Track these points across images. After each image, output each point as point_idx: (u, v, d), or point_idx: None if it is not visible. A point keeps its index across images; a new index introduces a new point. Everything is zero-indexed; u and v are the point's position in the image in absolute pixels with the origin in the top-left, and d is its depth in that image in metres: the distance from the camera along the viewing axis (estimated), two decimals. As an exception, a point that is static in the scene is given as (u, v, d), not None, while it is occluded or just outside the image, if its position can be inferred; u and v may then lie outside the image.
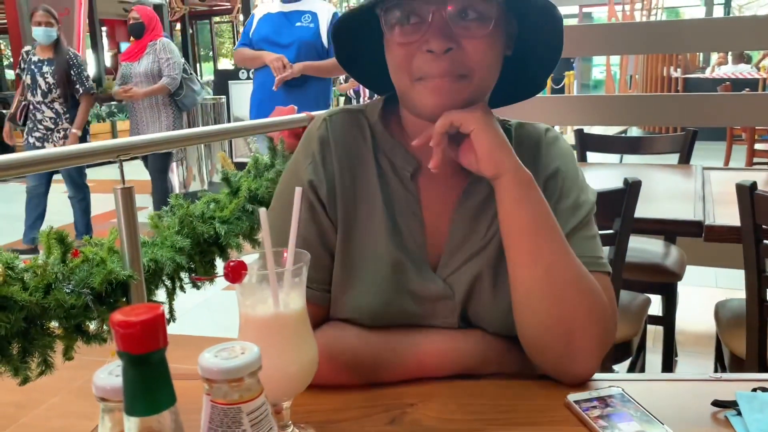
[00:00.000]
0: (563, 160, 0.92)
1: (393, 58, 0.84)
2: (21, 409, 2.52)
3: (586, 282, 0.82)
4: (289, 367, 0.68)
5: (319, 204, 0.88)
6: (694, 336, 2.91)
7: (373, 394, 0.84)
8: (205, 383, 0.49)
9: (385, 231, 0.87)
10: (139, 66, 4.68)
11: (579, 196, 0.89)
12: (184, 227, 1.96)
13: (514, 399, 0.82)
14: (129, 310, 0.40)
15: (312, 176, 0.88)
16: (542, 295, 0.81)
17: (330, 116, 0.92)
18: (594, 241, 0.89)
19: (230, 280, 0.64)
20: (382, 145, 0.91)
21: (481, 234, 0.89)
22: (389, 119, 0.93)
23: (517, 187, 0.81)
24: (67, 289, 1.63)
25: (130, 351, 0.39)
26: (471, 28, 0.79)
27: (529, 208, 0.81)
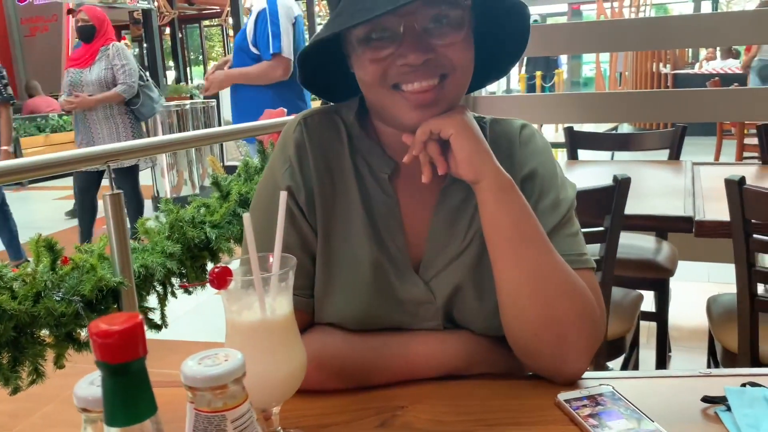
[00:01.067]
0: (540, 159, 0.91)
1: (366, 74, 0.81)
2: (13, 419, 2.50)
3: (572, 282, 0.82)
4: (277, 373, 0.68)
5: (298, 210, 0.87)
6: (688, 331, 2.92)
7: (362, 398, 0.83)
8: (189, 391, 0.49)
9: (364, 234, 0.87)
10: (90, 73, 4.23)
11: (558, 194, 0.89)
12: (174, 232, 1.95)
13: (505, 399, 0.82)
14: (108, 319, 0.40)
15: (290, 182, 0.87)
16: (529, 298, 0.81)
17: (305, 118, 0.90)
18: (576, 237, 0.88)
19: (215, 286, 0.63)
20: (359, 146, 0.90)
21: (461, 235, 0.88)
22: (365, 119, 0.92)
23: (497, 192, 0.80)
24: (57, 297, 1.62)
25: (109, 361, 0.39)
26: (446, 35, 0.78)
27: (510, 212, 0.80)
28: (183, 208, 2.05)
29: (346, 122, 0.91)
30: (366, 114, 0.92)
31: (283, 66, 3.22)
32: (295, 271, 0.87)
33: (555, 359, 0.83)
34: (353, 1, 0.77)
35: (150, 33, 9.57)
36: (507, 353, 0.86)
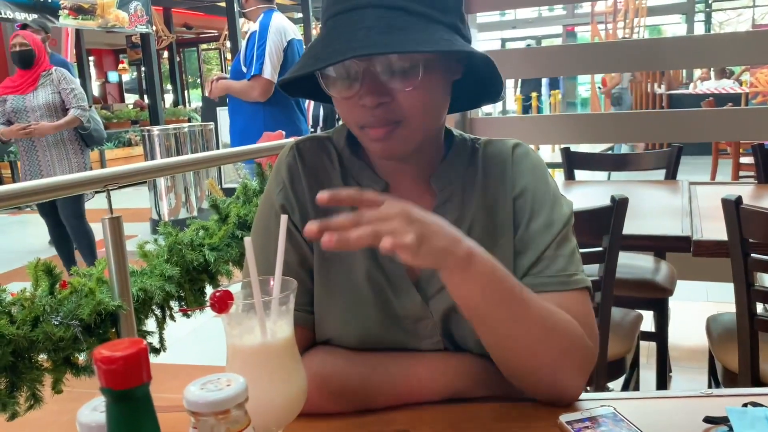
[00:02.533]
0: (532, 177, 0.91)
1: (338, 108, 0.86)
2: (10, 445, 2.47)
3: (553, 324, 0.80)
4: (279, 397, 0.67)
5: (294, 227, 0.89)
6: (688, 351, 2.91)
7: (364, 420, 0.83)
8: (192, 416, 0.49)
9: (360, 254, 0.88)
10: (35, 98, 4.04)
11: (552, 212, 0.88)
12: (173, 255, 1.95)
13: (507, 421, 0.82)
14: (111, 345, 0.40)
15: (284, 201, 0.90)
16: (512, 352, 0.81)
17: (297, 143, 0.94)
18: (570, 257, 0.87)
19: (216, 310, 0.63)
20: (350, 167, 0.93)
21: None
22: (356, 142, 0.93)
23: (457, 275, 0.73)
24: (55, 321, 1.62)
25: (113, 387, 0.39)
26: (399, 81, 0.79)
27: (474, 288, 0.75)
28: (182, 230, 2.05)
29: (337, 146, 0.94)
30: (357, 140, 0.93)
31: (260, 87, 3.28)
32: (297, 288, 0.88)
33: (550, 390, 0.83)
34: (326, 43, 0.79)
35: (148, 57, 9.64)
36: None
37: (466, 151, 0.94)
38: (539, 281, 0.86)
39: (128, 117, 12.11)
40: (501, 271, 0.76)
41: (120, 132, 10.75)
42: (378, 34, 0.75)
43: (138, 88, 17.48)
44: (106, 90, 16.76)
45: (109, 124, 11.53)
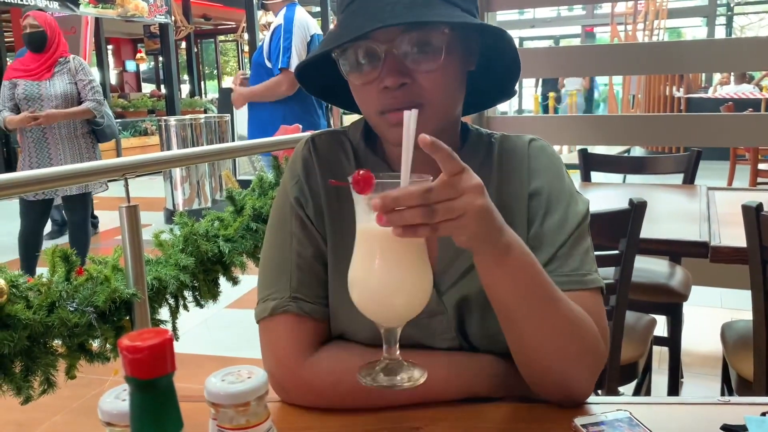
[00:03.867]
0: (548, 173, 0.90)
1: (357, 96, 0.86)
2: (22, 428, 2.51)
3: (576, 325, 0.80)
4: (408, 286, 0.68)
5: (308, 220, 0.90)
6: (700, 357, 2.89)
7: (378, 417, 0.83)
8: (212, 408, 0.49)
9: None
10: (51, 86, 3.76)
11: (567, 209, 0.88)
12: (188, 245, 1.96)
13: (522, 422, 0.81)
14: (137, 334, 0.40)
15: (298, 194, 0.91)
16: (533, 350, 0.80)
17: (313, 138, 0.95)
18: (584, 257, 0.87)
19: (359, 189, 0.63)
20: (365, 163, 0.93)
21: (467, 254, 0.88)
22: (372, 137, 0.94)
23: (492, 261, 0.73)
24: (70, 308, 1.63)
25: (138, 376, 0.39)
26: (422, 62, 0.80)
27: (507, 279, 0.75)
28: (197, 221, 2.06)
29: (352, 141, 0.94)
30: (372, 133, 0.93)
31: (288, 81, 3.27)
32: (311, 280, 0.89)
33: (562, 389, 0.83)
34: (350, 21, 0.80)
35: (166, 47, 9.68)
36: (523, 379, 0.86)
37: (482, 145, 0.94)
38: (553, 280, 0.85)
39: (145, 106, 12.18)
40: (536, 266, 0.76)
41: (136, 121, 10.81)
42: (404, 8, 0.76)
43: (155, 78, 17.57)
44: (124, 79, 16.85)
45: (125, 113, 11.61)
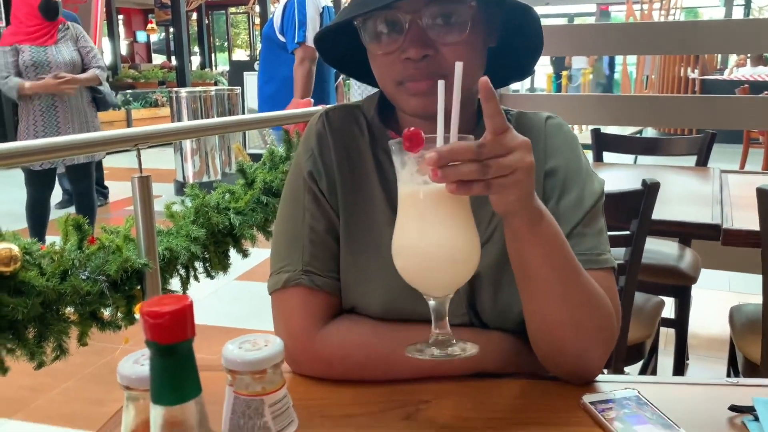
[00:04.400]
0: (565, 152, 0.90)
1: (376, 66, 0.85)
2: (34, 393, 2.55)
3: (596, 300, 0.81)
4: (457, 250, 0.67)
5: (321, 194, 0.90)
6: (707, 340, 2.89)
7: (388, 390, 0.84)
8: (229, 374, 0.49)
9: (386, 222, 0.88)
10: (58, 53, 3.70)
11: (583, 189, 0.88)
12: (199, 217, 1.97)
13: (530, 398, 0.82)
14: (158, 300, 0.40)
15: (311, 168, 0.91)
16: (554, 323, 0.81)
17: (327, 112, 0.95)
18: (598, 236, 0.87)
19: (409, 147, 0.63)
20: (379, 137, 0.92)
21: (484, 223, 0.88)
22: (386, 112, 0.94)
23: (527, 226, 0.74)
24: (83, 276, 1.65)
25: (159, 341, 0.39)
26: (447, 34, 0.79)
27: (539, 246, 0.75)
28: (208, 193, 2.07)
29: (366, 115, 0.94)
30: (386, 107, 0.93)
31: (308, 56, 3.24)
32: (323, 253, 0.89)
33: (576, 364, 0.83)
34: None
35: (177, 18, 9.61)
36: (533, 355, 0.86)
37: None
38: None
39: (155, 78, 12.15)
40: (563, 237, 0.77)
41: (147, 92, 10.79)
42: None
43: (165, 49, 17.49)
44: (134, 50, 16.80)
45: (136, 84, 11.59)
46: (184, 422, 0.41)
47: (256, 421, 0.48)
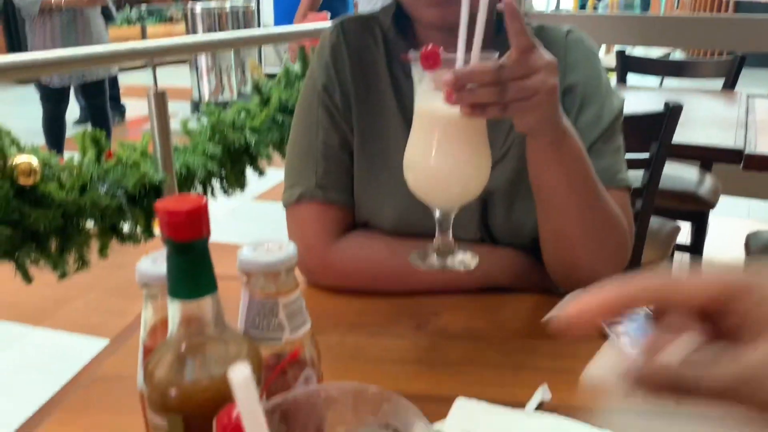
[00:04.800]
0: (584, 68, 0.88)
1: None
2: (58, 304, 2.64)
3: (613, 220, 0.81)
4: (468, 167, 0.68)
5: (335, 108, 0.89)
6: (720, 266, 2.89)
7: (399, 301, 0.86)
8: (244, 276, 0.51)
9: (400, 135, 0.86)
10: None
11: (602, 105, 0.86)
12: (215, 134, 1.97)
13: (540, 312, 0.83)
14: (174, 199, 0.41)
15: (325, 81, 0.89)
16: (571, 241, 0.81)
17: (342, 23, 0.92)
18: (616, 155, 0.86)
19: (427, 65, 0.62)
20: (394, 51, 0.90)
21: (501, 139, 0.87)
22: (402, 24, 0.91)
23: (550, 147, 0.73)
24: (101, 190, 1.67)
25: (175, 238, 0.40)
26: None
27: (562, 166, 0.74)
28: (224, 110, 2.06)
29: (383, 27, 0.91)
30: (403, 19, 0.90)
31: None
32: (336, 168, 0.89)
33: (588, 280, 0.83)
34: None
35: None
36: (544, 271, 0.87)
37: None
38: None
39: (170, -8, 11.85)
40: (585, 155, 0.76)
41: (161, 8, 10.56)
42: None
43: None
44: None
45: (150, 0, 11.33)
46: (200, 317, 0.43)
47: (270, 320, 0.50)
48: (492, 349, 0.75)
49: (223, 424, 0.29)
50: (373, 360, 0.74)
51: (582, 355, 0.74)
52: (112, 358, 0.75)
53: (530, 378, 0.68)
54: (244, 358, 0.43)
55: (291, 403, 0.33)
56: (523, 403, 0.63)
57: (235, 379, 0.25)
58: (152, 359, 0.44)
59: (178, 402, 0.42)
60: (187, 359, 0.43)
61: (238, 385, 0.25)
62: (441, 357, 0.74)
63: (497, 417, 0.60)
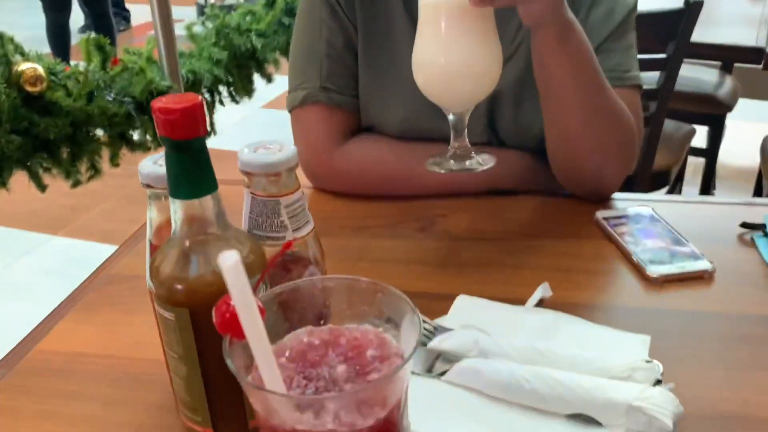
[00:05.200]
0: None
1: None
2: (74, 212, 2.69)
3: (619, 114, 0.79)
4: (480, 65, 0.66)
5: (339, 6, 0.86)
6: (735, 170, 2.87)
7: (404, 205, 0.86)
8: (245, 177, 0.51)
9: (406, 33, 0.84)
10: None
11: (615, 1, 0.83)
12: (220, 39, 1.93)
13: (544, 214, 0.84)
14: (169, 97, 0.41)
15: None
16: (576, 133, 0.79)
17: None
18: (627, 52, 0.84)
19: None
20: None
21: (510, 36, 0.84)
22: None
23: (556, 39, 0.71)
24: (109, 97, 1.66)
25: (172, 137, 0.40)
26: None
27: (567, 59, 0.73)
28: (229, 14, 2.01)
29: None
30: None
31: None
32: (340, 69, 0.87)
33: (594, 180, 0.84)
34: None
35: None
36: (549, 174, 0.87)
37: None
38: None
39: None
40: (591, 50, 0.75)
41: None
42: None
43: None
44: None
45: None
46: (202, 217, 0.43)
47: (273, 220, 0.50)
48: (495, 250, 0.76)
49: (221, 312, 0.30)
50: (378, 261, 0.76)
51: (583, 255, 0.75)
52: (123, 259, 0.77)
53: (532, 277, 0.69)
54: (247, 255, 0.45)
55: (289, 293, 0.35)
56: (524, 301, 0.65)
57: (225, 264, 0.25)
58: (157, 256, 0.45)
59: (183, 296, 0.43)
60: (191, 256, 0.44)
61: (227, 269, 0.25)
62: (444, 258, 0.76)
63: (497, 312, 0.62)
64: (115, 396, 0.57)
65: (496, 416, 0.50)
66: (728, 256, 0.73)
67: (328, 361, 0.33)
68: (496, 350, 0.54)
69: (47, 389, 0.58)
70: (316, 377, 0.32)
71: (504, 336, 0.56)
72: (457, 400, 0.52)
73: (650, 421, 0.47)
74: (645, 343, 0.57)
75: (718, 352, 0.59)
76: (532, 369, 0.51)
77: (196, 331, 0.43)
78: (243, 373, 0.30)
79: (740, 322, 0.63)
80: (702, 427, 0.50)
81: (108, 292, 0.71)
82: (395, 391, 0.30)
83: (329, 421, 0.29)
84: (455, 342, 0.55)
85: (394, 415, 0.31)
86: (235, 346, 0.30)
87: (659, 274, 0.69)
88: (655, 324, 0.62)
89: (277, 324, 0.34)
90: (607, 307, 0.66)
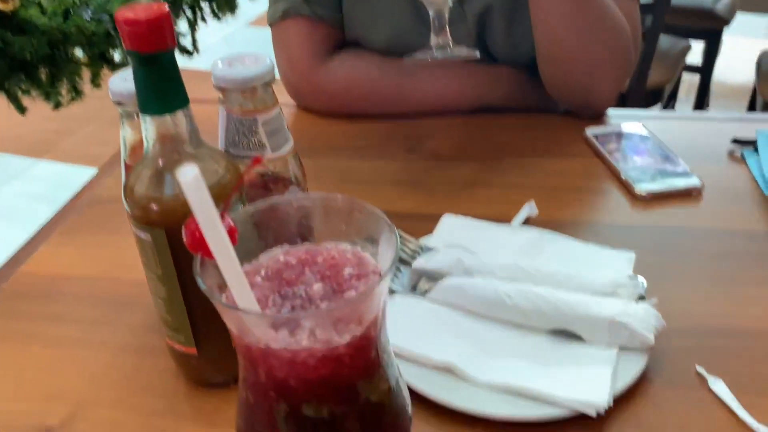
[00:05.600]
0: None
1: None
2: (59, 135, 2.65)
3: (611, 18, 0.76)
4: None
5: None
6: (730, 88, 2.83)
7: (392, 125, 0.84)
8: (220, 93, 0.49)
9: None
10: None
11: None
12: (200, -49, 1.84)
13: (534, 131, 0.82)
14: (134, 8, 0.38)
15: None
16: (566, 33, 0.76)
17: None
18: None
19: None
20: None
21: None
22: None
23: None
24: (86, 16, 1.60)
25: (138, 49, 0.38)
26: None
27: None
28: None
29: None
30: None
31: None
32: None
33: (585, 93, 0.81)
34: None
35: None
36: (541, 90, 0.84)
37: None
38: None
39: None
40: None
41: None
42: None
43: None
44: None
45: None
46: (175, 134, 0.42)
47: (250, 138, 0.49)
48: (483, 169, 0.75)
49: (190, 230, 0.29)
50: (364, 182, 0.75)
51: (571, 173, 0.74)
52: (104, 180, 0.76)
53: (519, 196, 0.68)
54: (223, 174, 0.43)
55: (264, 211, 0.33)
56: (510, 220, 0.64)
57: (183, 180, 0.24)
58: (131, 176, 0.44)
59: (159, 216, 0.42)
60: (165, 175, 0.42)
61: (187, 185, 0.24)
62: (432, 178, 0.75)
63: (482, 231, 0.62)
64: (99, 317, 0.57)
65: (479, 332, 0.50)
66: (719, 173, 0.72)
67: (305, 280, 0.32)
68: (480, 268, 0.54)
69: (32, 311, 0.58)
70: (292, 296, 0.31)
71: (488, 254, 0.56)
72: (440, 317, 0.52)
73: (632, 335, 0.47)
74: (630, 260, 0.57)
75: (703, 268, 0.59)
76: (514, 286, 0.51)
77: (174, 252, 0.43)
78: (216, 293, 0.29)
79: (726, 238, 0.63)
80: (684, 339, 0.51)
81: (90, 214, 0.70)
82: (372, 308, 0.30)
83: (304, 338, 0.28)
84: (439, 261, 0.55)
85: (371, 332, 0.31)
86: (207, 265, 0.29)
87: (647, 191, 0.68)
88: (642, 241, 0.61)
89: (252, 243, 0.33)
90: (594, 225, 0.66)
